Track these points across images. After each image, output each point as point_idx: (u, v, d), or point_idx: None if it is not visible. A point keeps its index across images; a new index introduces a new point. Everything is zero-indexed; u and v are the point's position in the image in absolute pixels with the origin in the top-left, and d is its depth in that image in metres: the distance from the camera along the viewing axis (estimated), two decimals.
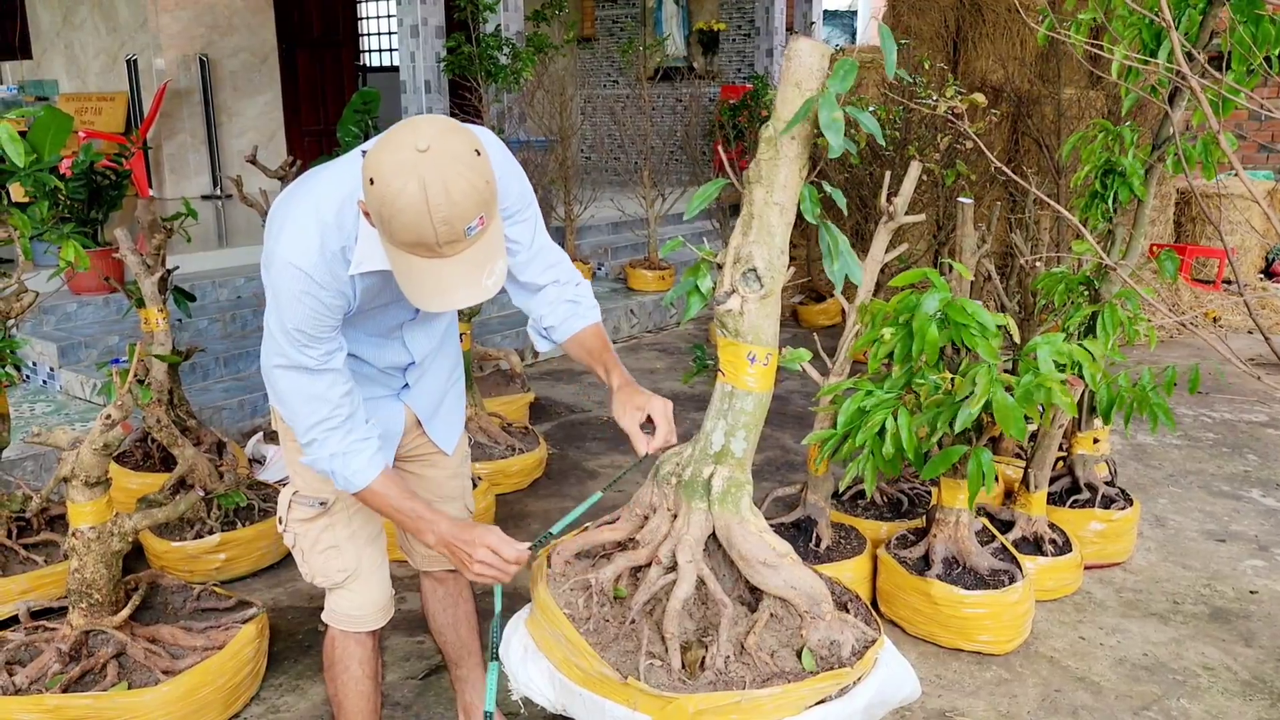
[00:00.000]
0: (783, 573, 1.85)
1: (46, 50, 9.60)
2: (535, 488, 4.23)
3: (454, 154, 1.50)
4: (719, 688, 1.71)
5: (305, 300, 1.71)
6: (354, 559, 2.08)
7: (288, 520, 2.08)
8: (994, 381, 2.46)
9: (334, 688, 2.18)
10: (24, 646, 2.54)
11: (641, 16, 11.58)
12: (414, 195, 1.47)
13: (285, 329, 1.74)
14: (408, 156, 1.48)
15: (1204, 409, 5.27)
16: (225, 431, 4.42)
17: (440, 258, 1.54)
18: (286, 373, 1.79)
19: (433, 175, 1.47)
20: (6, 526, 3.13)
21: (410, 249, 1.54)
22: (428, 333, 2.08)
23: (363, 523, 2.09)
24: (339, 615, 2.13)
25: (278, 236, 1.72)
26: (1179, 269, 3.22)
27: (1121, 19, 2.96)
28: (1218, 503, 4.08)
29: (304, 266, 1.69)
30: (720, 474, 1.87)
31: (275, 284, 1.73)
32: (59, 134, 4.75)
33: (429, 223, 1.49)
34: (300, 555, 2.10)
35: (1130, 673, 2.87)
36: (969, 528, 3.06)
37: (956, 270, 3.29)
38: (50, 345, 4.81)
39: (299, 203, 1.74)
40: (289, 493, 2.08)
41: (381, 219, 1.52)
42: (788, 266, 1.88)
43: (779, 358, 1.94)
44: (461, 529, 1.78)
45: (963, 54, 8.20)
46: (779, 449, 4.71)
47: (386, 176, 1.48)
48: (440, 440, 2.20)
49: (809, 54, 1.67)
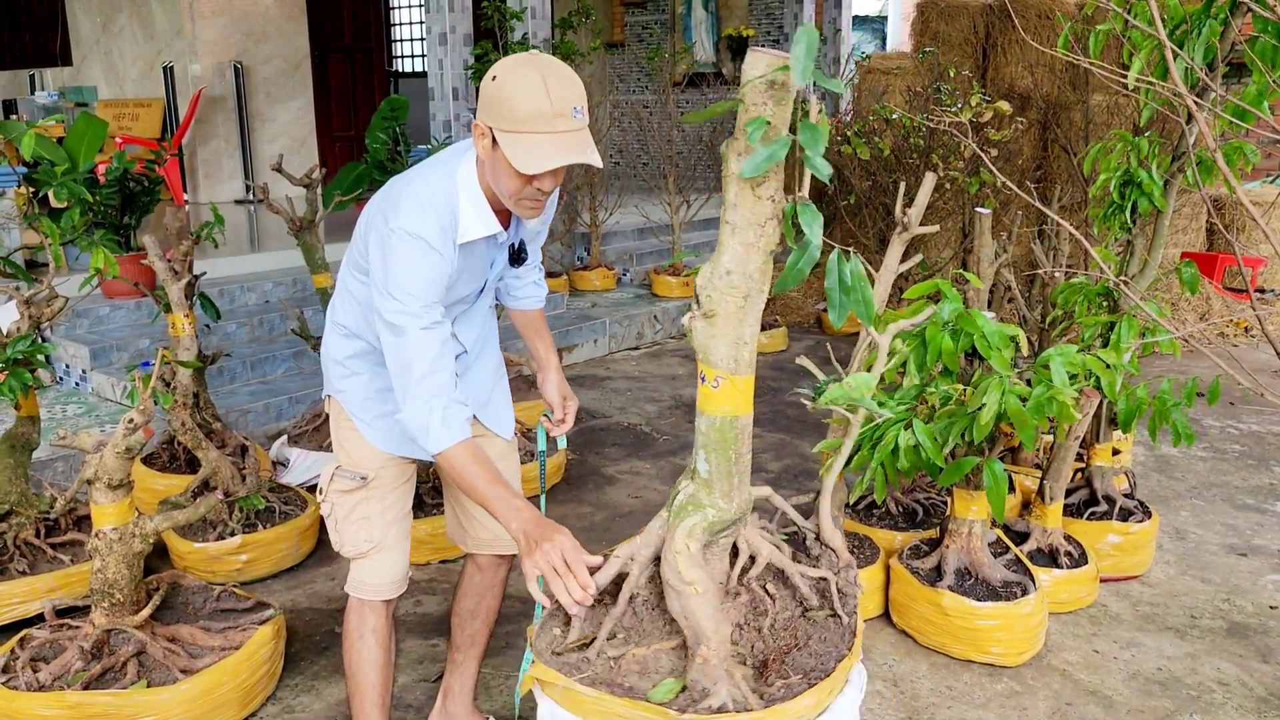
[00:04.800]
0: (681, 601, 1.80)
1: (86, 57, 9.80)
2: (554, 493, 4.27)
3: (555, 59, 1.88)
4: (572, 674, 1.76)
5: (427, 262, 1.94)
6: (381, 532, 2.26)
7: (328, 491, 2.26)
8: (1007, 391, 2.47)
9: (349, 657, 2.32)
10: (48, 644, 2.61)
11: (670, 22, 11.61)
12: (533, 76, 1.83)
13: (405, 292, 1.93)
14: (524, 57, 1.87)
15: (1231, 420, 5.21)
16: (250, 435, 4.49)
17: (552, 132, 1.83)
18: (407, 331, 1.94)
19: (545, 66, 1.85)
20: (34, 526, 3.21)
21: (528, 125, 1.82)
22: (471, 322, 2.28)
23: (394, 501, 2.28)
24: (358, 583, 2.30)
25: (397, 213, 1.95)
26: (1198, 280, 3.20)
27: (1140, 30, 2.95)
28: (1241, 516, 4.04)
29: (426, 235, 1.94)
30: (686, 489, 1.87)
31: (395, 252, 1.94)
32: (94, 140, 4.87)
33: (545, 94, 1.81)
34: (334, 525, 2.28)
35: (1144, 687, 2.85)
36: (982, 539, 3.06)
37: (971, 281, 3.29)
38: (82, 348, 4.92)
39: (410, 184, 2.01)
40: (332, 466, 2.27)
41: (504, 101, 1.83)
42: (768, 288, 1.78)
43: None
44: (544, 525, 1.87)
45: (992, 60, 8.16)
46: (798, 456, 4.71)
47: (510, 67, 1.85)
48: (495, 426, 2.38)
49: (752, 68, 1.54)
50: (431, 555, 3.61)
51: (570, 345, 6.37)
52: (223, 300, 5.38)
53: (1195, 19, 2.88)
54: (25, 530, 3.19)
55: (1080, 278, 3.42)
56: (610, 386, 5.86)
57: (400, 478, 2.29)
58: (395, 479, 2.28)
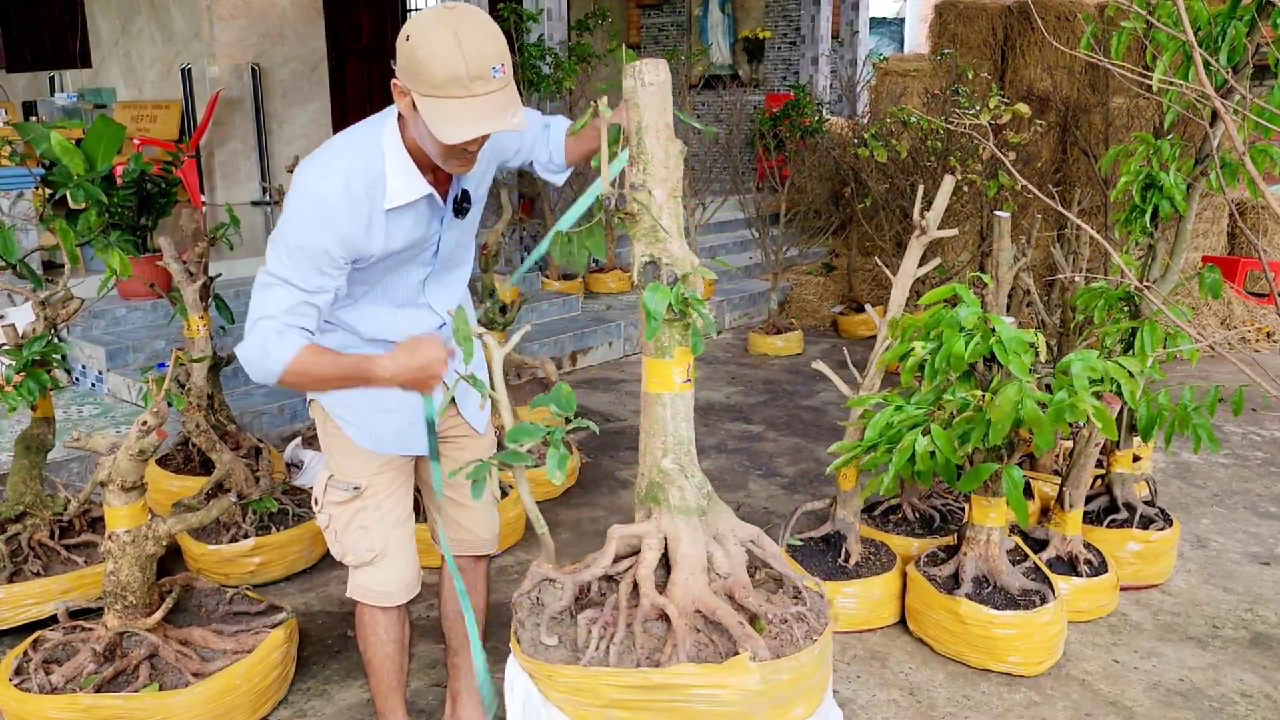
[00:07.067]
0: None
1: (105, 59, 9.85)
2: (567, 496, 4.25)
3: (475, 10, 1.76)
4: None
5: (324, 225, 1.85)
6: (382, 539, 2.23)
7: (323, 502, 2.22)
8: (1025, 396, 2.43)
9: (363, 646, 2.34)
10: (61, 646, 2.61)
11: (686, 24, 11.59)
12: (446, 37, 1.71)
13: (289, 245, 1.86)
14: (438, 13, 1.74)
15: (1253, 427, 5.14)
16: (264, 437, 4.50)
17: (471, 96, 1.74)
18: (273, 285, 1.88)
19: (460, 22, 1.73)
20: (49, 527, 3.22)
21: (444, 89, 1.73)
22: (446, 288, 2.19)
23: (392, 506, 2.24)
24: (365, 590, 2.28)
25: (309, 166, 1.90)
26: (1221, 284, 3.15)
27: (1164, 31, 2.91)
28: (1264, 524, 3.98)
29: (327, 197, 1.85)
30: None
31: (294, 208, 1.88)
32: (111, 143, 4.88)
33: (460, 58, 1.71)
34: (333, 535, 2.25)
35: (1164, 698, 2.81)
36: (1000, 546, 3.02)
37: (989, 284, 3.25)
38: (99, 349, 4.93)
39: (334, 141, 1.94)
40: (324, 477, 2.22)
41: (418, 64, 1.73)
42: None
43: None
44: (408, 347, 1.86)
45: (1010, 62, 8.11)
46: (813, 461, 4.68)
47: (421, 29, 1.74)
48: (472, 419, 2.32)
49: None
50: (436, 560, 3.58)
51: (585, 348, 6.36)
52: (238, 302, 5.38)
53: (1220, 20, 2.84)
54: (39, 532, 3.20)
55: (1100, 282, 3.38)
56: (625, 390, 5.84)
57: (395, 482, 2.25)
58: (391, 484, 2.23)
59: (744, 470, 4.57)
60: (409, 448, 2.23)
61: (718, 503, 2.09)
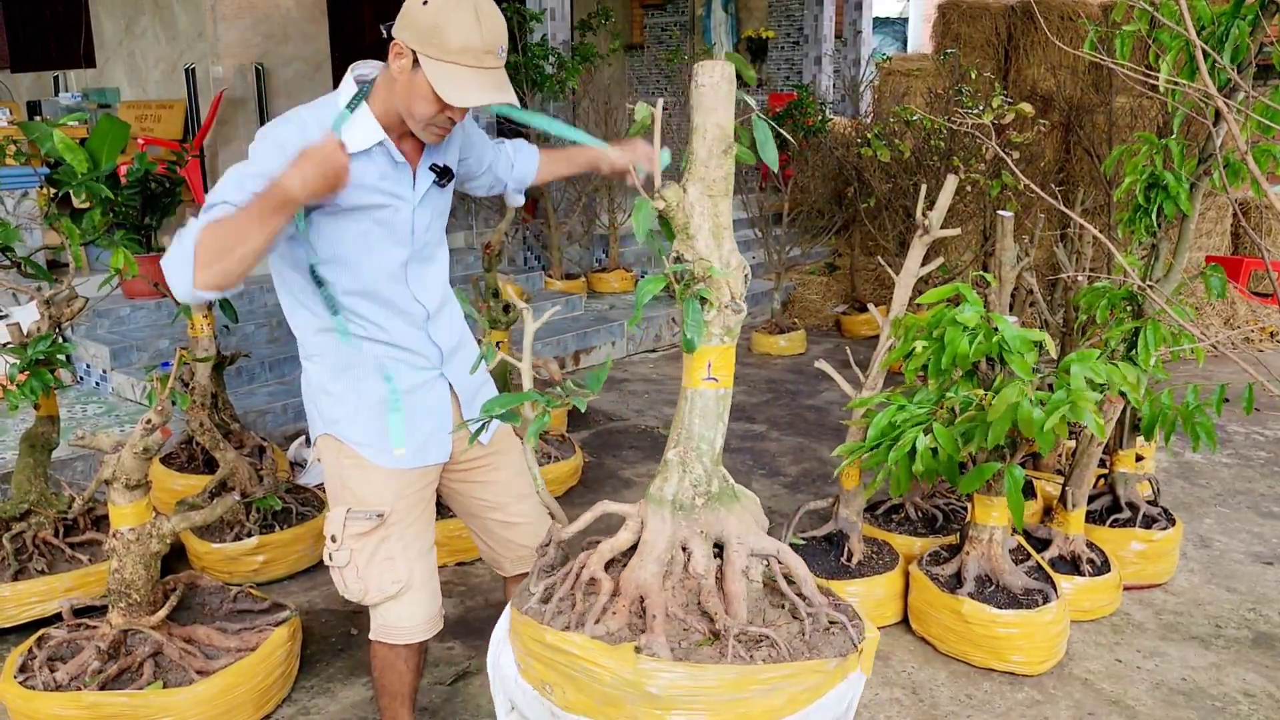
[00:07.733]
0: None
1: (109, 59, 9.87)
2: (570, 495, 4.25)
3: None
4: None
5: (272, 154, 1.89)
6: (407, 570, 2.16)
7: (343, 537, 2.11)
8: (1022, 397, 2.43)
9: (381, 678, 2.28)
10: (65, 644, 2.61)
11: (690, 24, 11.60)
12: (467, 6, 1.84)
13: (239, 173, 1.89)
14: None
15: (1257, 426, 5.14)
16: (268, 435, 4.50)
17: (480, 67, 1.87)
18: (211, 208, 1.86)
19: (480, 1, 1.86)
20: (53, 525, 3.23)
21: (456, 57, 1.85)
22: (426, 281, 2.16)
23: (416, 534, 2.18)
24: (390, 629, 2.19)
25: (263, 128, 1.98)
26: (1225, 284, 3.15)
27: (1167, 30, 2.91)
28: (1267, 524, 3.98)
29: (281, 136, 1.93)
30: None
31: (250, 152, 1.94)
32: (116, 142, 4.89)
33: (479, 31, 1.85)
34: (355, 572, 2.13)
35: (1167, 698, 2.81)
36: (1003, 545, 3.02)
37: (992, 284, 3.25)
38: (103, 348, 4.94)
39: (296, 109, 2.03)
40: (342, 511, 2.12)
41: (433, 29, 1.83)
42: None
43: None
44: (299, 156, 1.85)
45: (1014, 61, 8.10)
46: (816, 460, 4.68)
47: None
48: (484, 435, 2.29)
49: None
50: (448, 558, 3.59)
51: (587, 347, 6.36)
52: (241, 302, 5.40)
53: (1224, 19, 2.84)
54: (44, 530, 3.21)
55: (1103, 281, 3.37)
56: (628, 389, 5.84)
57: (417, 509, 2.18)
58: (413, 507, 2.17)
59: (747, 469, 4.57)
60: (435, 455, 2.19)
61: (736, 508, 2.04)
